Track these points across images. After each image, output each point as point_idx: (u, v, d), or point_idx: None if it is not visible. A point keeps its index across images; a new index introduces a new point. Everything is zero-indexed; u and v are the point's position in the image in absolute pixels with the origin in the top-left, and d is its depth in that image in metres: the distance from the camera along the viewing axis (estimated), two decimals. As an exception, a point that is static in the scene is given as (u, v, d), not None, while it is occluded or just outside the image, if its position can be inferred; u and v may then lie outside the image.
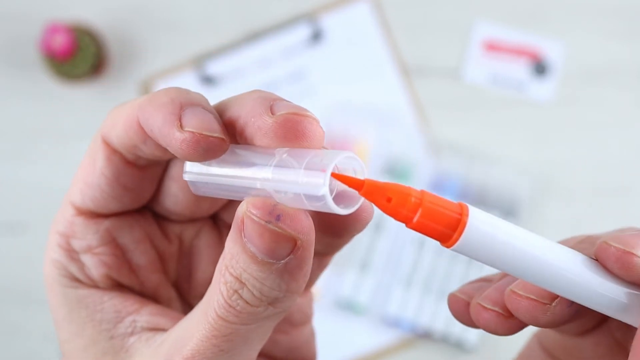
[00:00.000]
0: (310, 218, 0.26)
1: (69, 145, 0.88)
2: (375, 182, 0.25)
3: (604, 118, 0.87)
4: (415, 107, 0.87)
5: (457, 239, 0.25)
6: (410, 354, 0.86)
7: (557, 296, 0.27)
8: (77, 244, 0.30)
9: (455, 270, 0.84)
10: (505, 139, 0.87)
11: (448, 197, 0.93)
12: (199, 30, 0.88)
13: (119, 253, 0.31)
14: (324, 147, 0.27)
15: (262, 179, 0.26)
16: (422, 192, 0.26)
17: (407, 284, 0.85)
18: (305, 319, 0.34)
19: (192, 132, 0.26)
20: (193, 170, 0.28)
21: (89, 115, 0.89)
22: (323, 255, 0.32)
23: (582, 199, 0.86)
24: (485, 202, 0.85)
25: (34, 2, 0.89)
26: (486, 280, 0.31)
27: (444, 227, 0.25)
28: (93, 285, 0.30)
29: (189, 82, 0.88)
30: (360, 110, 0.87)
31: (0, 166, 0.89)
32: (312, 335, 0.35)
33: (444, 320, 0.84)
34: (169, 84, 0.88)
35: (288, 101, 0.27)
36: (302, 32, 0.88)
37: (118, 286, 0.31)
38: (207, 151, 0.26)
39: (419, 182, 0.86)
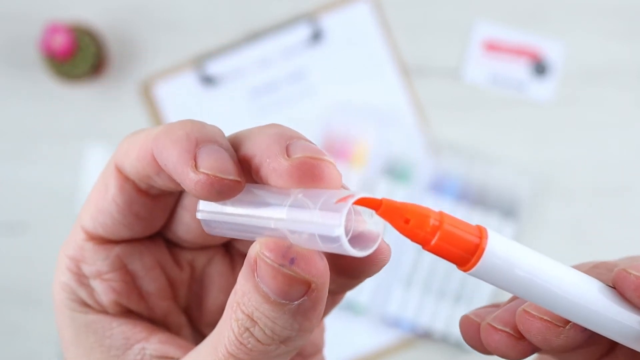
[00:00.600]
0: (325, 260, 0.25)
1: (69, 145, 0.88)
2: (394, 202, 0.25)
3: (604, 118, 0.87)
4: (415, 107, 0.87)
5: (474, 264, 0.25)
6: (410, 354, 0.86)
7: None
8: (86, 269, 0.30)
9: (455, 270, 0.84)
10: (505, 139, 0.87)
11: (448, 197, 0.93)
12: (199, 30, 0.88)
13: (129, 279, 0.31)
14: (343, 187, 0.26)
15: (276, 219, 0.25)
16: (441, 213, 0.25)
17: (407, 284, 0.85)
18: (316, 350, 0.34)
19: (207, 175, 0.25)
20: (206, 209, 0.28)
21: (89, 115, 0.89)
22: (336, 293, 0.31)
23: (582, 199, 0.86)
24: (485, 202, 0.85)
25: (34, 2, 0.89)
26: (498, 306, 0.31)
27: (461, 250, 0.25)
28: (102, 310, 0.30)
29: (189, 82, 0.88)
30: (360, 110, 0.87)
31: (0, 166, 0.89)
32: None
33: (444, 320, 0.84)
34: (169, 84, 0.88)
35: (305, 140, 0.26)
36: (302, 32, 0.88)
37: (127, 312, 0.31)
38: (221, 193, 0.26)
39: (419, 182, 0.86)
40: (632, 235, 0.86)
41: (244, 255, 0.33)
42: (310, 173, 0.25)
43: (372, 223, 0.26)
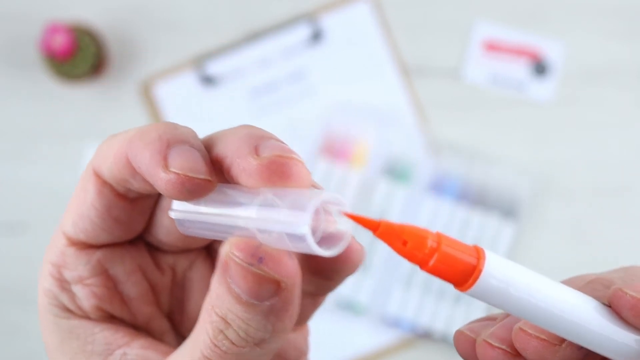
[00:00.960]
0: (295, 260, 0.25)
1: (69, 145, 0.88)
2: (392, 224, 0.25)
3: (604, 118, 0.87)
4: (415, 107, 0.87)
5: (471, 285, 0.25)
6: (410, 354, 0.86)
7: None
8: (68, 275, 0.30)
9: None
10: (505, 139, 0.87)
11: (448, 197, 0.93)
12: (199, 30, 0.88)
13: (111, 284, 0.31)
14: (314, 186, 0.27)
15: (246, 217, 0.26)
16: (438, 235, 0.25)
17: (407, 284, 0.85)
18: (299, 355, 0.34)
19: (177, 174, 0.26)
20: (180, 209, 0.28)
21: (89, 115, 0.89)
22: (316, 295, 0.31)
23: (582, 199, 0.86)
24: (485, 202, 0.85)
25: (34, 2, 0.89)
26: (492, 320, 0.31)
27: (459, 271, 0.25)
28: (84, 316, 0.30)
29: (189, 82, 0.88)
30: (360, 110, 0.87)
31: (0, 166, 0.89)
32: None
33: (444, 320, 0.84)
34: (169, 84, 0.88)
35: (275, 140, 0.26)
36: (302, 32, 0.88)
37: (109, 318, 0.31)
38: (192, 192, 0.26)
39: (419, 182, 0.86)
40: (632, 235, 0.86)
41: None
42: (279, 171, 0.25)
43: (342, 223, 0.26)
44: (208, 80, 0.88)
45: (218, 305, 0.26)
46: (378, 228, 0.25)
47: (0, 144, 0.89)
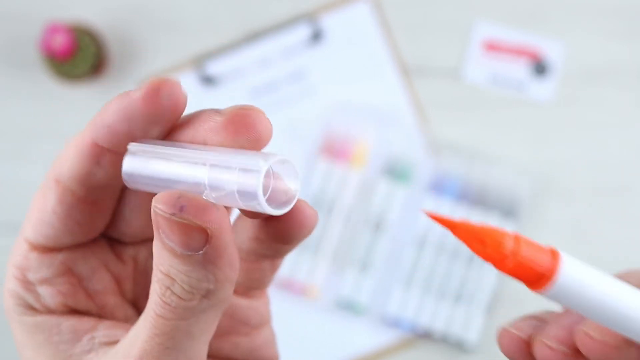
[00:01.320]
0: (221, 208, 0.26)
1: (69, 145, 0.88)
2: (470, 224, 0.26)
3: (604, 118, 0.87)
4: (415, 107, 0.87)
5: (546, 286, 0.26)
6: (410, 354, 0.86)
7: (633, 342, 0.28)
8: (32, 277, 0.31)
9: (455, 270, 0.84)
10: (505, 139, 0.87)
11: (448, 197, 0.93)
12: (199, 30, 0.88)
13: (75, 281, 0.31)
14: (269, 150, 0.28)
15: (198, 175, 0.26)
16: (516, 236, 0.26)
17: (407, 284, 0.85)
18: (263, 321, 0.35)
19: (149, 84, 0.27)
20: (132, 165, 0.29)
21: (89, 115, 0.88)
22: (273, 258, 0.32)
23: (582, 199, 0.86)
24: (485, 202, 0.85)
25: (34, 2, 0.89)
26: (538, 319, 0.31)
27: (535, 273, 0.26)
28: (50, 312, 0.31)
29: (189, 82, 0.88)
30: (360, 110, 0.87)
31: (0, 166, 0.89)
32: (272, 337, 0.35)
33: (444, 320, 0.84)
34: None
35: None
36: (302, 32, 0.88)
37: (74, 311, 0.31)
38: (170, 95, 0.28)
39: (419, 182, 0.86)
40: (632, 235, 0.86)
41: None
42: (244, 123, 0.27)
43: (290, 184, 0.27)
44: (208, 80, 0.88)
45: (160, 262, 0.26)
46: (456, 227, 0.26)
47: (0, 144, 0.89)
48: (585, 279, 0.26)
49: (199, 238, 0.25)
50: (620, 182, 0.86)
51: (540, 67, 0.87)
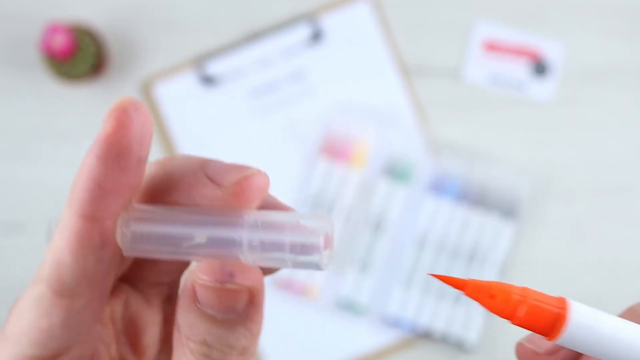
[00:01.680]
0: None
1: (68, 145, 0.88)
2: (478, 281, 0.27)
3: (604, 118, 0.87)
4: (415, 107, 0.87)
5: (558, 335, 0.27)
6: (410, 354, 0.86)
7: None
8: None
9: (454, 270, 0.84)
10: (505, 139, 0.87)
11: (448, 197, 0.93)
12: (199, 30, 0.88)
13: None
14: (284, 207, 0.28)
15: (245, 238, 0.26)
16: (524, 289, 0.27)
17: (407, 284, 0.85)
18: None
19: (112, 119, 0.27)
20: (141, 230, 0.27)
21: (89, 115, 0.89)
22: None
23: (582, 199, 0.86)
24: (485, 202, 0.85)
25: (34, 2, 0.89)
26: None
27: (546, 323, 0.27)
28: None
29: (189, 82, 0.88)
30: (360, 110, 0.87)
31: (0, 166, 0.89)
32: None
33: (444, 320, 0.84)
34: (169, 84, 0.88)
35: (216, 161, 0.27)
36: (302, 32, 0.88)
37: None
38: (138, 112, 0.26)
39: (419, 182, 0.86)
40: (632, 235, 0.86)
41: (144, 285, 0.32)
42: (247, 198, 0.26)
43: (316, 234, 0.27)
44: (208, 80, 0.88)
45: (193, 334, 0.26)
46: (466, 287, 0.27)
47: (0, 144, 0.89)
48: (595, 324, 0.27)
49: (244, 300, 0.25)
50: (620, 182, 0.86)
51: (540, 67, 0.87)
